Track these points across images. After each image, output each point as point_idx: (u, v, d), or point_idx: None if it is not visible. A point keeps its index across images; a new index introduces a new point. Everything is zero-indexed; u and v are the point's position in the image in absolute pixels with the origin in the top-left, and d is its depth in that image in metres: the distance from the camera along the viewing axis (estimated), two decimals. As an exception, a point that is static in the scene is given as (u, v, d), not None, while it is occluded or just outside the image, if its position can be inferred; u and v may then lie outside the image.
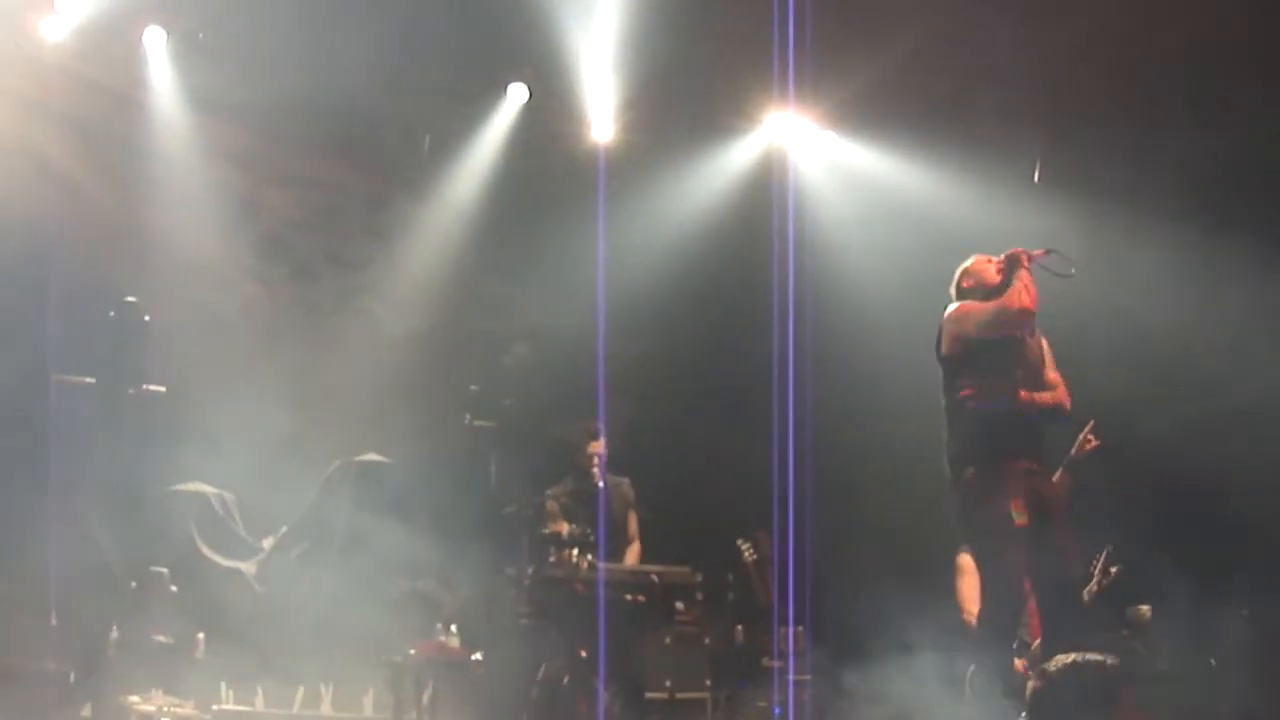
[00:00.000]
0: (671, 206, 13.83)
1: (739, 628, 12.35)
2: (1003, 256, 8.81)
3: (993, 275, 8.80)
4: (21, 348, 11.77)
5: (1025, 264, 8.66)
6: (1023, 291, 8.57)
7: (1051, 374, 8.87)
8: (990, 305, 8.66)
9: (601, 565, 10.10)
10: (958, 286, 8.98)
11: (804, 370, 13.57)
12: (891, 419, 12.47)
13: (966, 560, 10.12)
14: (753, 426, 13.77)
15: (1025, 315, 8.62)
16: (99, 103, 12.61)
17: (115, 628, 10.82)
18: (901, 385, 12.14)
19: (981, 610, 8.90)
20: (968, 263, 9.01)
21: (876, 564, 12.60)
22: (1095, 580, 10.56)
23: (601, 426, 11.17)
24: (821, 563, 13.43)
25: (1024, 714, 8.88)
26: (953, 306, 8.85)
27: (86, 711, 10.45)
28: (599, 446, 10.91)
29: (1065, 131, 12.57)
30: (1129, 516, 10.40)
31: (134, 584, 11.06)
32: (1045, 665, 4.61)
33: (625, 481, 11.10)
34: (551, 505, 10.69)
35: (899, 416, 11.98)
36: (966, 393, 8.59)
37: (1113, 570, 10.58)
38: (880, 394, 12.79)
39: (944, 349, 8.75)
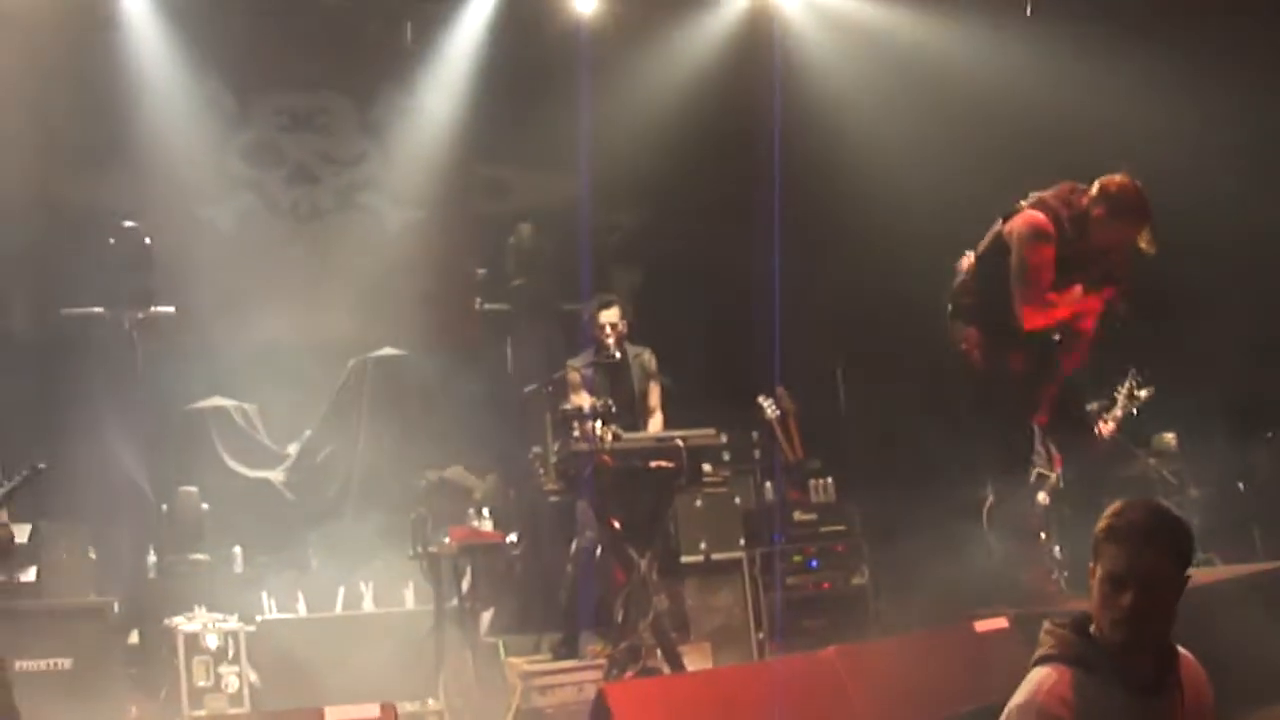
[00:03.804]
0: (661, 72, 13.70)
1: (767, 484, 12.46)
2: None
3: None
4: (28, 287, 11.88)
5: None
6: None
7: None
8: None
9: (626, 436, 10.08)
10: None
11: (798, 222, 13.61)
12: (894, 276, 12.44)
13: None
14: (763, 285, 13.82)
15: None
16: (72, 29, 12.37)
17: (152, 552, 11.03)
18: (905, 244, 12.16)
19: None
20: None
21: (897, 409, 12.69)
22: (1121, 405, 10.55)
23: (614, 298, 11.10)
24: (847, 414, 13.58)
25: (1042, 535, 9.05)
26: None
27: (133, 638, 10.65)
28: (612, 316, 10.83)
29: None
30: (1152, 342, 10.32)
31: (165, 507, 11.21)
32: (1116, 506, 4.44)
33: (646, 351, 11.00)
34: (573, 377, 10.66)
35: (903, 273, 11.94)
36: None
37: (1142, 393, 10.56)
38: (893, 248, 12.74)
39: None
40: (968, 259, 8.73)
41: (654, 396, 10.94)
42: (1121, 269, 8.22)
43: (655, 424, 10.72)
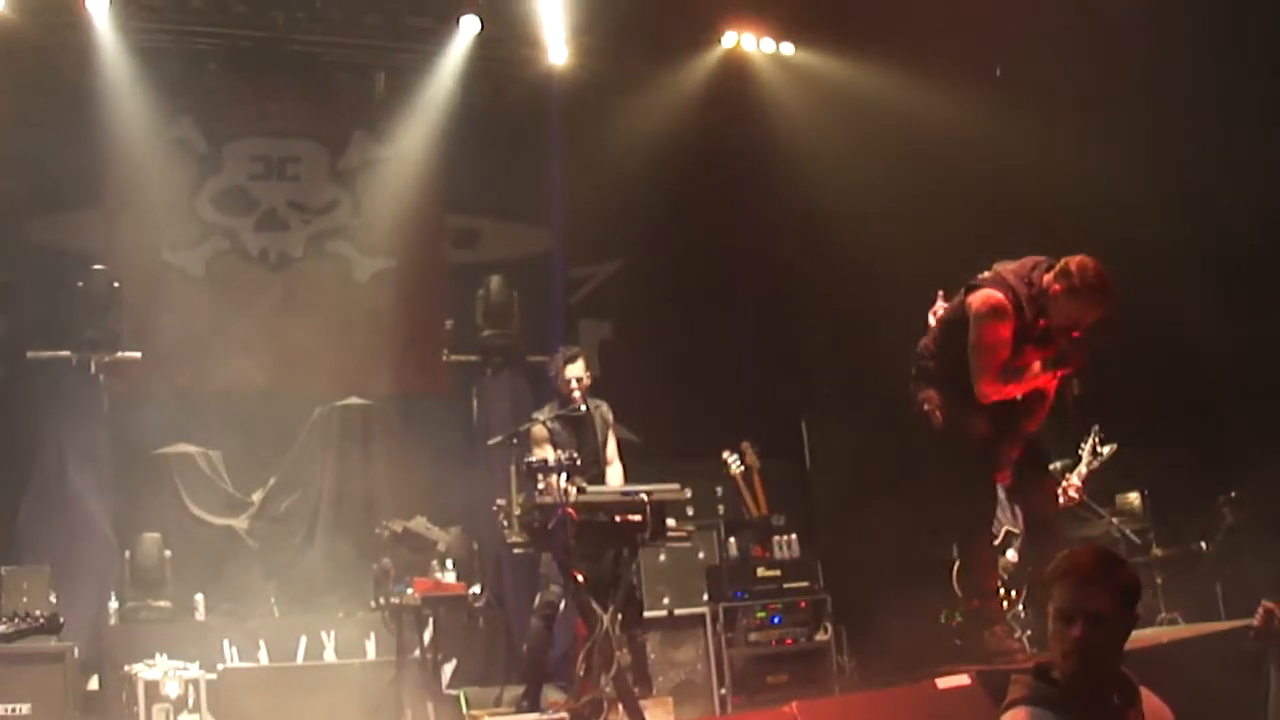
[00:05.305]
0: (632, 125, 13.74)
1: (731, 540, 12.46)
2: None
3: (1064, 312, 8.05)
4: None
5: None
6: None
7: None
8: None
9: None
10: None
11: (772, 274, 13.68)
12: (861, 332, 12.50)
13: None
14: (730, 340, 13.91)
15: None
16: (45, 72, 12.42)
17: (114, 598, 10.99)
18: (872, 299, 12.22)
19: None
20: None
21: (861, 467, 12.73)
22: (1085, 463, 10.56)
23: (579, 351, 11.11)
24: (812, 470, 13.61)
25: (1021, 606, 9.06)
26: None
27: (93, 684, 10.60)
28: (578, 370, 10.84)
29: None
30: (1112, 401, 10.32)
31: (127, 553, 11.18)
32: (1065, 550, 4.72)
33: (603, 404, 11.04)
34: (538, 430, 10.66)
35: (869, 330, 12.01)
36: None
37: (1105, 450, 10.56)
38: (860, 303, 12.78)
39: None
40: (938, 308, 8.73)
41: (612, 446, 10.96)
42: (1077, 351, 8.19)
43: (615, 473, 10.75)
